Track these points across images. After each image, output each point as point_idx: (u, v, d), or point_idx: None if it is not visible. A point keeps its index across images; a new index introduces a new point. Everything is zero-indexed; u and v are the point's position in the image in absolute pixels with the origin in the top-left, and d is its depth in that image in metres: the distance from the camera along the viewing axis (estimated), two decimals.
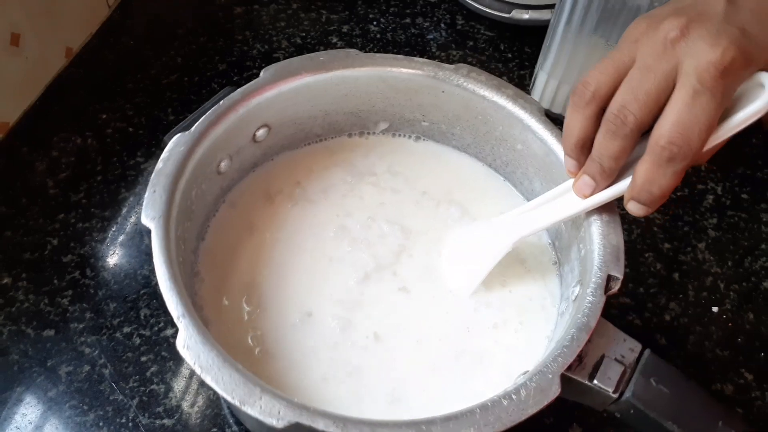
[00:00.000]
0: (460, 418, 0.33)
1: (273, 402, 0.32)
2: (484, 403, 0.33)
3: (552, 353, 0.35)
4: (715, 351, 0.52)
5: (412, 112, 0.50)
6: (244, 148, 0.46)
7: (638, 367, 0.36)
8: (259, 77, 0.45)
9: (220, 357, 0.34)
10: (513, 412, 0.33)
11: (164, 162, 0.40)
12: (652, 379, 0.36)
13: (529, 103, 0.46)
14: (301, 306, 0.43)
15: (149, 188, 0.39)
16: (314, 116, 0.49)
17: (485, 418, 0.33)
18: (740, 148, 0.65)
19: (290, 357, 0.41)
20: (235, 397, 0.33)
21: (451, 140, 0.51)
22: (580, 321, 0.36)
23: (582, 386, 0.36)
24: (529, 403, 0.33)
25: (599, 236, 0.40)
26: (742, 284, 0.56)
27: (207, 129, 0.42)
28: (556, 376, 0.34)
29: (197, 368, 0.33)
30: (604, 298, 0.37)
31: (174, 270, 0.36)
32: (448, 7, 0.75)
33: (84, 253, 0.54)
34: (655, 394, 0.35)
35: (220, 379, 0.33)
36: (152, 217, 0.38)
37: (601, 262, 0.39)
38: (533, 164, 0.47)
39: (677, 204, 0.60)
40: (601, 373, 0.36)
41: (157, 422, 0.46)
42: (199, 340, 0.34)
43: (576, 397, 0.37)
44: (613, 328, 0.37)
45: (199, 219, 0.44)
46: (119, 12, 0.72)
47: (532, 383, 0.34)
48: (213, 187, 0.45)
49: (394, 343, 0.42)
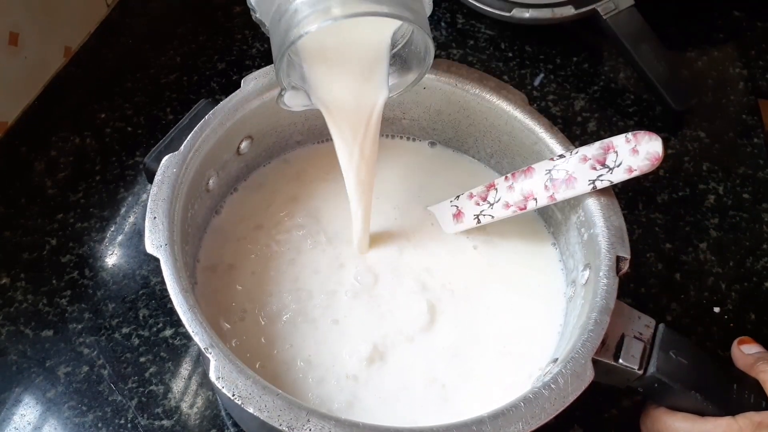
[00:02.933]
0: (507, 414, 0.33)
1: (322, 423, 0.32)
2: (527, 396, 0.34)
3: (579, 338, 0.36)
4: (716, 351, 0.52)
5: (392, 110, 0.50)
6: (229, 163, 0.46)
7: (656, 342, 0.38)
8: (240, 88, 0.44)
9: (258, 384, 0.33)
10: (555, 401, 0.34)
11: (159, 186, 0.39)
12: (671, 352, 0.37)
13: (513, 94, 0.46)
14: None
15: (149, 215, 0.38)
16: (294, 122, 0.49)
17: (531, 411, 0.33)
18: (741, 147, 0.64)
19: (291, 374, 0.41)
20: (282, 423, 0.32)
21: (432, 135, 0.51)
22: (600, 304, 0.37)
23: (608, 367, 0.37)
24: (568, 390, 0.34)
25: (601, 219, 0.40)
26: (743, 284, 0.56)
27: (195, 147, 0.41)
28: (588, 361, 0.35)
29: (237, 399, 0.32)
30: (617, 279, 0.38)
31: (190, 299, 0.36)
32: (449, 6, 0.74)
33: (83, 253, 0.54)
34: (675, 366, 0.37)
35: (263, 406, 0.32)
36: (157, 246, 0.37)
37: (608, 244, 0.39)
38: (521, 153, 0.47)
39: (678, 204, 0.60)
40: (624, 352, 0.37)
41: (155, 423, 0.46)
42: (233, 369, 0.33)
43: (602, 378, 0.37)
44: (627, 308, 0.39)
45: (194, 241, 0.44)
46: (118, 11, 0.72)
47: (568, 371, 0.35)
48: (202, 207, 0.44)
49: (396, 351, 0.42)
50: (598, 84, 0.68)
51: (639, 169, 0.39)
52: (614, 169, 0.39)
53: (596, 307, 0.37)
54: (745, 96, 0.68)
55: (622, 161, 0.39)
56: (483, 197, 0.45)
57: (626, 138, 0.39)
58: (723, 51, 0.72)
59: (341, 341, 0.42)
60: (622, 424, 0.48)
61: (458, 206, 0.46)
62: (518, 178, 0.43)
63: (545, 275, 0.46)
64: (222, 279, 0.44)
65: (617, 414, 0.48)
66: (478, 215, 0.45)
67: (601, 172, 0.40)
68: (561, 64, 0.69)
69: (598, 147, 0.40)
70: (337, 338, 0.42)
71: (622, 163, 0.39)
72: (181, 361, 0.49)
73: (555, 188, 0.41)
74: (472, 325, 0.43)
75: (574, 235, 0.43)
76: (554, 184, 0.41)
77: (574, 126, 0.64)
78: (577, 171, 0.41)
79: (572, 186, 0.41)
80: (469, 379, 0.41)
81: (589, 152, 0.41)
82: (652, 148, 0.39)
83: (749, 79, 0.70)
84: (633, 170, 0.39)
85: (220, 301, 0.43)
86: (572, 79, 0.68)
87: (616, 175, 0.39)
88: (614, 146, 0.40)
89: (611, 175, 0.40)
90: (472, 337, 0.43)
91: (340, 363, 0.41)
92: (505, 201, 0.44)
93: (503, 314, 0.44)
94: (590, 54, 0.70)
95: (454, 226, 0.46)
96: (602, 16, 0.64)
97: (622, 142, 0.39)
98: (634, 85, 0.68)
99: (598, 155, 0.40)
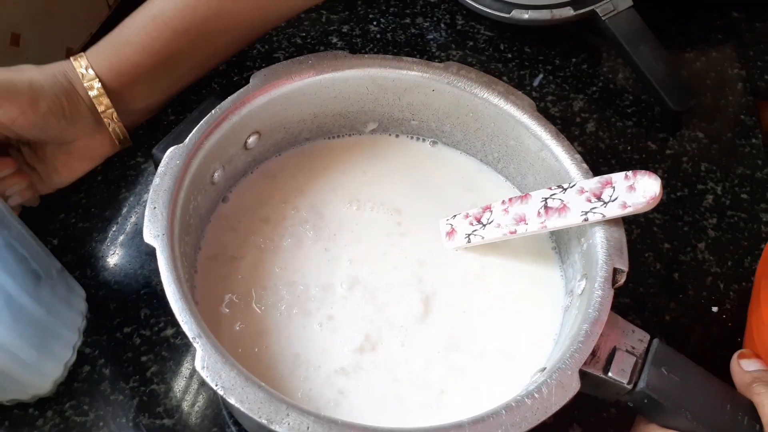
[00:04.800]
0: (487, 421, 0.33)
1: (301, 418, 0.32)
2: (509, 404, 0.34)
3: (568, 349, 0.36)
4: (715, 351, 0.52)
5: (402, 111, 0.50)
6: (235, 157, 0.46)
7: (648, 357, 0.37)
8: (249, 84, 0.45)
9: (242, 376, 0.33)
10: (538, 410, 0.33)
11: (161, 177, 0.40)
12: (664, 368, 0.36)
13: (521, 99, 0.46)
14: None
15: (149, 205, 0.39)
16: (303, 119, 0.49)
17: (512, 419, 0.33)
18: (740, 148, 0.65)
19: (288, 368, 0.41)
20: (261, 416, 0.32)
21: (441, 137, 0.52)
22: (592, 315, 0.37)
23: (597, 379, 0.37)
24: (552, 400, 0.34)
25: (602, 230, 0.40)
26: (741, 284, 0.56)
27: (201, 140, 0.42)
28: (575, 372, 0.35)
29: (219, 389, 0.33)
30: (612, 291, 0.38)
31: (183, 289, 0.36)
32: (448, 7, 0.75)
33: (84, 253, 0.54)
34: (667, 382, 0.36)
35: (245, 398, 0.33)
36: (155, 235, 0.38)
37: (606, 255, 0.39)
38: (526, 159, 0.47)
39: (677, 204, 0.60)
40: (614, 365, 0.36)
41: (157, 422, 0.46)
42: (219, 359, 0.34)
43: (590, 390, 0.37)
44: (621, 320, 0.38)
45: (196, 232, 0.44)
46: (119, 12, 0.72)
47: (553, 380, 0.34)
48: (207, 199, 0.45)
49: (387, 349, 0.42)
50: (597, 85, 0.68)
51: (633, 206, 0.39)
52: (609, 203, 0.39)
53: (588, 318, 0.37)
54: (744, 96, 0.68)
55: (618, 196, 0.39)
56: (477, 218, 0.46)
57: (626, 175, 0.39)
58: (721, 52, 0.72)
59: (333, 336, 0.42)
60: (621, 423, 0.48)
61: (452, 225, 0.47)
62: (514, 203, 0.44)
63: (544, 283, 0.46)
64: (223, 268, 0.44)
65: (616, 414, 0.48)
66: (469, 234, 0.46)
67: (595, 205, 0.40)
68: (560, 65, 0.69)
69: (596, 181, 0.41)
70: (330, 333, 0.42)
71: (618, 199, 0.39)
72: (183, 360, 0.49)
73: (548, 216, 0.42)
74: (465, 328, 0.43)
75: (575, 245, 0.43)
76: (547, 211, 0.42)
77: (573, 126, 0.65)
78: (572, 202, 0.41)
79: (564, 216, 0.41)
80: (460, 382, 0.41)
81: (587, 185, 0.41)
82: (650, 187, 0.38)
83: (748, 80, 0.70)
84: (627, 206, 0.39)
85: (219, 289, 0.43)
86: (571, 79, 0.68)
87: (609, 209, 0.39)
88: (612, 181, 0.40)
89: (605, 209, 0.40)
90: (466, 340, 0.43)
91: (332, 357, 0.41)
92: (497, 223, 0.44)
93: (498, 319, 0.44)
94: (589, 55, 0.71)
95: (447, 243, 0.47)
96: (601, 17, 0.64)
97: (620, 178, 0.40)
98: (633, 86, 0.68)
99: (595, 189, 0.40)
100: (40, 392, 0.45)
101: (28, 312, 0.41)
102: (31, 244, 0.44)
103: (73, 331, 0.47)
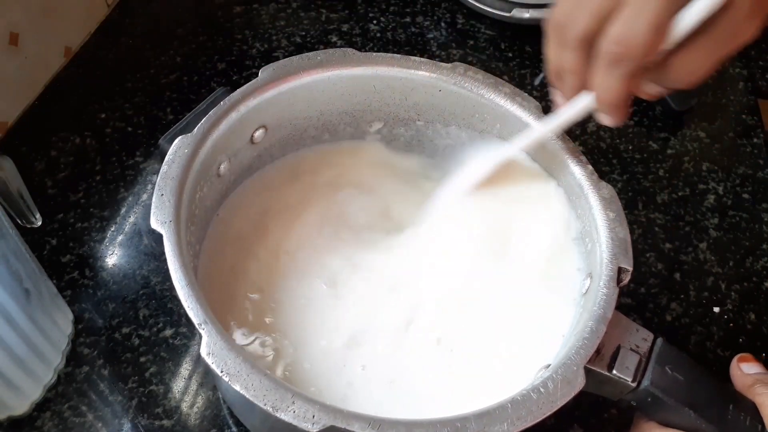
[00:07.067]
0: (492, 414, 0.33)
1: (306, 406, 0.32)
2: (515, 398, 0.34)
3: (573, 345, 0.36)
4: (716, 351, 0.52)
5: (407, 111, 0.50)
6: (241, 150, 0.46)
7: (652, 355, 0.37)
8: (258, 77, 0.45)
9: (247, 363, 0.33)
10: (543, 405, 0.33)
11: (169, 165, 0.40)
12: (667, 367, 0.37)
13: (527, 101, 0.46)
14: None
15: (156, 191, 0.38)
16: (310, 116, 0.49)
17: (517, 413, 0.33)
18: (741, 147, 0.64)
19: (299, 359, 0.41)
20: (267, 403, 0.32)
21: (446, 138, 0.52)
22: (597, 313, 0.37)
23: (601, 377, 0.37)
24: (557, 395, 0.34)
25: (606, 230, 0.40)
26: (743, 284, 0.56)
27: (209, 130, 0.42)
28: (580, 368, 0.35)
29: (225, 376, 0.32)
30: (617, 290, 0.38)
31: (190, 275, 0.36)
32: (449, 6, 0.75)
33: (83, 253, 0.54)
34: (670, 381, 0.37)
35: (250, 385, 0.32)
36: (162, 222, 0.37)
37: (611, 255, 0.39)
38: None
39: (678, 204, 0.60)
40: (619, 363, 0.37)
41: (156, 423, 0.46)
42: (224, 346, 0.33)
43: (594, 388, 0.37)
44: (626, 319, 0.38)
45: (201, 223, 0.44)
46: (118, 11, 0.72)
47: (558, 376, 0.34)
48: (212, 191, 0.45)
49: (411, 343, 0.42)
50: None
51: None
52: None
53: (594, 315, 0.37)
54: (745, 96, 0.68)
55: None
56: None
57: None
58: None
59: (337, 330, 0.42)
60: (622, 423, 0.48)
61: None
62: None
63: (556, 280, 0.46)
64: (225, 262, 0.44)
65: (617, 414, 0.48)
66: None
67: None
68: None
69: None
70: (333, 310, 0.43)
71: None
72: (182, 361, 0.49)
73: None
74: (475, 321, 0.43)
75: (579, 245, 0.44)
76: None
77: (574, 126, 0.64)
78: None
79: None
80: (468, 376, 0.41)
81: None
82: None
83: (749, 79, 0.70)
84: None
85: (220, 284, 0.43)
86: None
87: None
88: None
89: None
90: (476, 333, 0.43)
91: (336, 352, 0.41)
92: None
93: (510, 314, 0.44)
94: None
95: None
96: None
97: None
98: None
99: None
100: (16, 412, 0.44)
101: (17, 326, 0.41)
102: (26, 259, 0.43)
103: (57, 352, 0.46)
